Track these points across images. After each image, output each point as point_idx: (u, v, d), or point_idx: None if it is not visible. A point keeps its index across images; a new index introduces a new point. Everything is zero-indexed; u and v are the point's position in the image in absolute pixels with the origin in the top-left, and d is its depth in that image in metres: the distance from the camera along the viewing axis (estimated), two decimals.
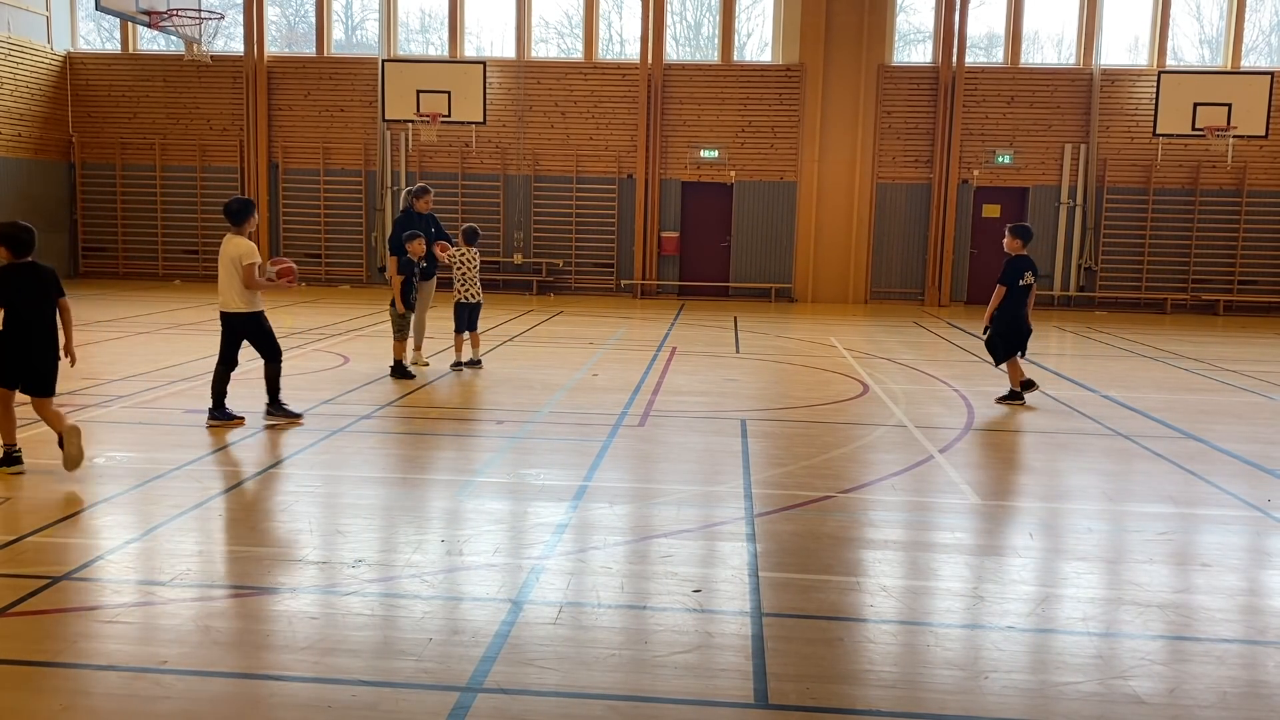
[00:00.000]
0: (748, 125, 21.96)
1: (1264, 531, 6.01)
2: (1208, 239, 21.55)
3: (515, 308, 18.63)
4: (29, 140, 21.78)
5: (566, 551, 5.31)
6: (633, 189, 22.02)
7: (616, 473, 7.01)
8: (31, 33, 21.83)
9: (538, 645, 4.15)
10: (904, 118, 21.82)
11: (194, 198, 22.92)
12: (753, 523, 5.84)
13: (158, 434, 7.76)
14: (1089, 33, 21.42)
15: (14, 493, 6.10)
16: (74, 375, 10.15)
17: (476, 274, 11.12)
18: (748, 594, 4.76)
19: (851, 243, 21.95)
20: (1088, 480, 7.28)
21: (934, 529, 5.92)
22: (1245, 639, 4.46)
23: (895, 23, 22.09)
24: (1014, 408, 9.71)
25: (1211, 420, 9.33)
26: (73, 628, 4.26)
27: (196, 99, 22.78)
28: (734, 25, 22.28)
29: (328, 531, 5.61)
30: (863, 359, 12.93)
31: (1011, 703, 3.77)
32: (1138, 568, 5.31)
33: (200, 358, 11.44)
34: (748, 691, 3.81)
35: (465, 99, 20.53)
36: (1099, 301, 21.85)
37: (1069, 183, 21.67)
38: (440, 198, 22.34)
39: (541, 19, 22.77)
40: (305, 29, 23.75)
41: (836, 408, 9.67)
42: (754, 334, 15.62)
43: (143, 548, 5.25)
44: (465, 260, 11.04)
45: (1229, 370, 12.62)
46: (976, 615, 4.64)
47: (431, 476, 6.92)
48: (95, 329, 13.76)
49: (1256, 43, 22.40)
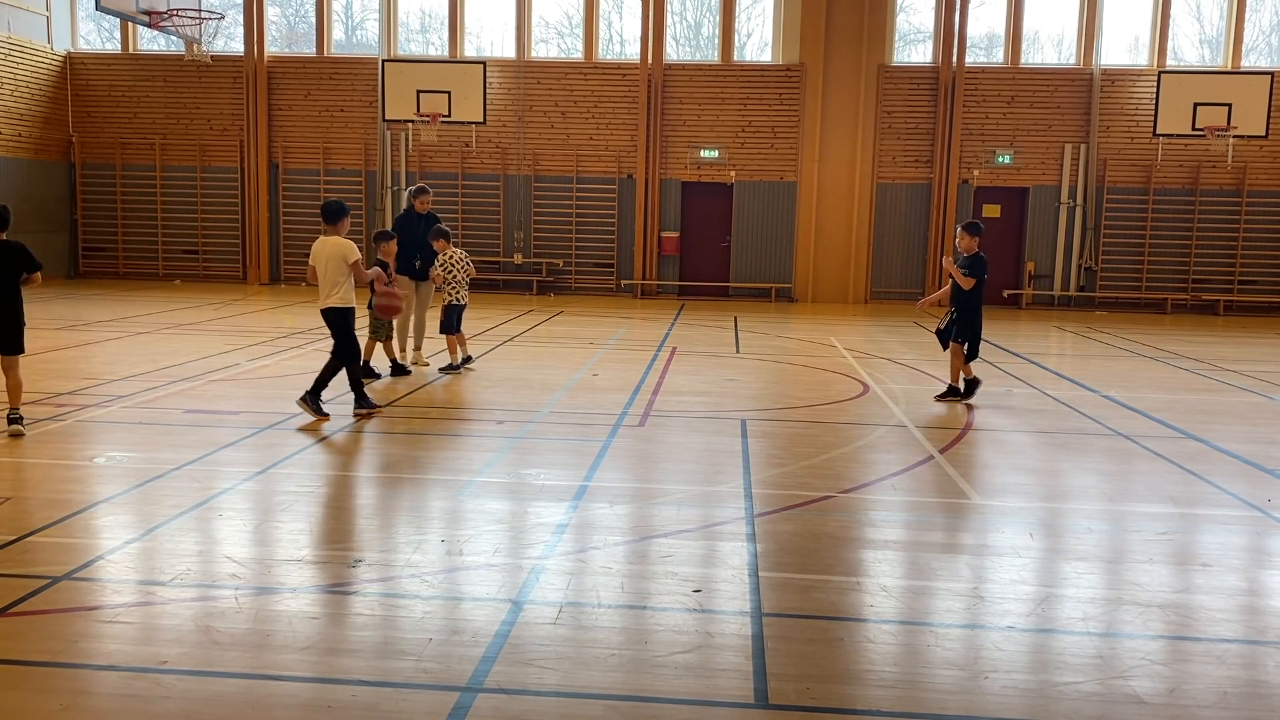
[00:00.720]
0: (748, 125, 21.96)
1: (1264, 531, 6.01)
2: (1208, 239, 21.55)
3: (515, 308, 18.63)
4: (29, 140, 21.78)
5: (566, 551, 5.31)
6: (633, 189, 22.02)
7: (616, 473, 7.01)
8: (31, 33, 21.83)
9: (538, 645, 4.15)
10: (904, 118, 21.82)
11: (194, 198, 22.92)
12: (753, 523, 5.84)
13: (158, 434, 7.76)
14: (1089, 33, 21.42)
15: (14, 493, 6.10)
16: (74, 375, 10.16)
17: (465, 275, 11.07)
18: (748, 594, 4.76)
19: (851, 243, 21.95)
20: (1088, 480, 7.28)
21: (934, 529, 5.92)
22: (1245, 639, 4.46)
23: (895, 23, 22.09)
24: (952, 404, 9.79)
25: (1211, 420, 9.33)
26: (73, 628, 4.26)
27: (196, 99, 22.78)
28: (734, 25, 22.28)
29: (328, 531, 5.61)
30: (863, 359, 12.93)
31: (1011, 703, 3.77)
32: (1138, 568, 5.31)
33: (200, 357, 11.44)
34: (748, 691, 3.81)
35: (465, 99, 20.53)
36: (1099, 301, 21.84)
37: (1069, 183, 21.67)
38: (440, 198, 22.35)
39: (541, 19, 22.77)
40: (305, 29, 23.75)
41: (837, 408, 9.67)
42: (754, 334, 15.62)
43: (143, 548, 5.25)
44: (454, 262, 11.00)
45: (1229, 370, 12.62)
46: (976, 615, 4.64)
47: (431, 476, 6.92)
48: (95, 329, 13.76)
49: (1256, 43, 22.40)
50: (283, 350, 12.30)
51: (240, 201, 22.87)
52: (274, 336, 13.63)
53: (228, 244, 23.10)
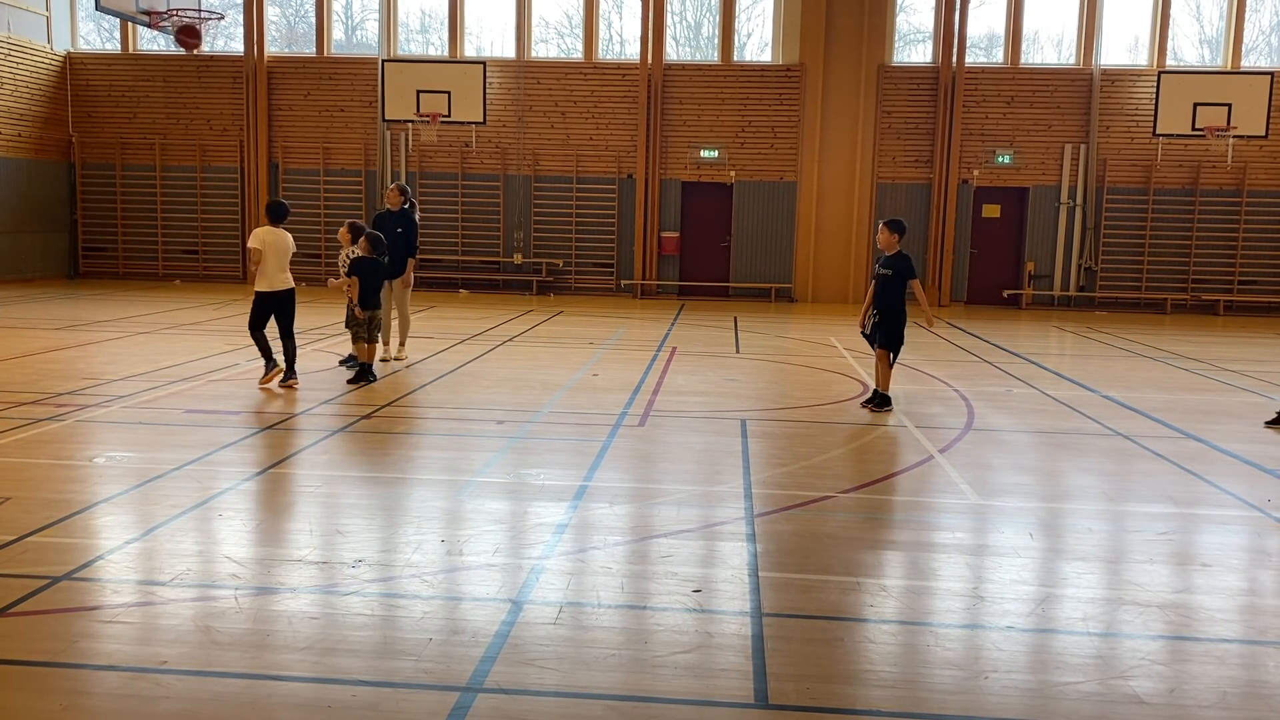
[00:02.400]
0: (748, 125, 21.96)
1: (1264, 531, 6.01)
2: (1208, 239, 21.55)
3: (515, 308, 18.63)
4: (29, 140, 21.77)
5: (566, 551, 5.31)
6: (633, 189, 22.02)
7: (616, 473, 7.01)
8: (31, 33, 21.82)
9: (538, 645, 4.15)
10: (904, 118, 21.82)
11: (194, 198, 22.92)
12: (753, 523, 5.84)
13: (158, 434, 7.76)
14: (1089, 33, 21.42)
15: (14, 493, 6.10)
16: (74, 375, 10.16)
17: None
18: (748, 594, 4.76)
19: (851, 243, 21.94)
20: (1088, 480, 7.28)
21: (934, 529, 5.92)
22: (1245, 639, 4.46)
23: (895, 23, 22.08)
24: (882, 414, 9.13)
25: (1211, 420, 9.33)
26: (73, 628, 4.26)
27: (196, 99, 22.78)
28: (734, 25, 22.28)
29: (328, 531, 5.61)
30: (863, 359, 12.92)
31: (1011, 703, 3.77)
32: (1138, 568, 5.31)
33: (200, 357, 11.44)
34: (748, 691, 3.81)
35: (465, 99, 20.53)
36: (1099, 301, 21.84)
37: (1069, 183, 21.67)
38: (440, 197, 22.39)
39: (541, 19, 22.77)
40: (305, 29, 23.75)
41: (836, 408, 9.67)
42: (754, 334, 15.62)
43: (143, 548, 5.25)
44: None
45: (1229, 370, 12.62)
46: (976, 615, 4.64)
47: (432, 476, 6.92)
48: (95, 329, 13.76)
49: (1256, 43, 22.40)
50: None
51: (240, 201, 22.86)
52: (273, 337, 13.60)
53: (228, 244, 23.09)
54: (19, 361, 10.95)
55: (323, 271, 22.55)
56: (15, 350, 11.70)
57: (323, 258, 22.73)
